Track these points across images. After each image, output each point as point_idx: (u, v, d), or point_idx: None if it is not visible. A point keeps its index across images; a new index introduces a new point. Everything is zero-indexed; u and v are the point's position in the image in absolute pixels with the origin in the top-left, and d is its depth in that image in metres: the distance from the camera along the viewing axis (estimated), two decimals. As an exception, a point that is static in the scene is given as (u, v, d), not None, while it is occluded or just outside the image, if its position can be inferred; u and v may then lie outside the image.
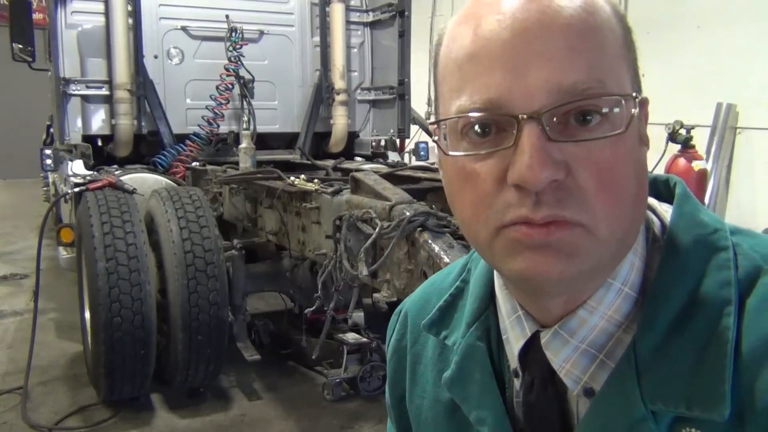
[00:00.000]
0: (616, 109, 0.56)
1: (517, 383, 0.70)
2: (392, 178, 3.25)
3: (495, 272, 0.72)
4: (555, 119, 0.55)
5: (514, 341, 0.68)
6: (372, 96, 5.59)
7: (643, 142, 0.61)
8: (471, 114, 0.57)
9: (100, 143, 4.76)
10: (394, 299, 2.56)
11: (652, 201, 0.68)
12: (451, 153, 0.60)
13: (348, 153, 5.44)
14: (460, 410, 0.74)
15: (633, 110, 0.57)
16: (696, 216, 0.64)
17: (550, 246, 0.56)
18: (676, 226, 0.64)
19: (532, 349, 0.66)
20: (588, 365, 0.63)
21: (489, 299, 0.74)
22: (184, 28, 4.91)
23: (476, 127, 0.58)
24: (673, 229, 0.63)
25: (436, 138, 0.63)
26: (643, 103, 0.61)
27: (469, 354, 0.73)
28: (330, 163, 4.75)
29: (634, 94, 0.58)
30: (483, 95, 0.56)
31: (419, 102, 8.19)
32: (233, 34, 4.81)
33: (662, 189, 0.70)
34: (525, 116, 0.55)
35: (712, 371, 0.56)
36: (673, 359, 0.58)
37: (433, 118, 0.66)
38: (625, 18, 0.61)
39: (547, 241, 0.56)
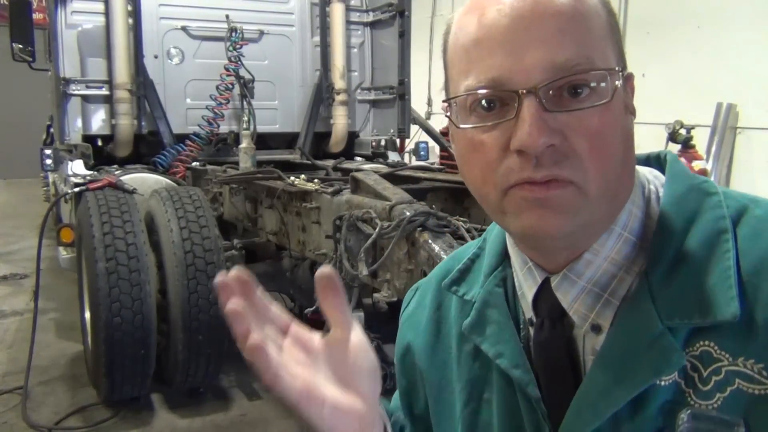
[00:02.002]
0: (603, 83, 0.64)
1: (532, 331, 0.77)
2: (392, 178, 3.25)
3: (506, 233, 0.80)
4: (550, 92, 0.63)
5: (527, 291, 0.75)
6: (372, 96, 5.58)
7: (630, 111, 0.70)
8: (478, 91, 0.65)
9: (100, 143, 4.76)
10: (394, 299, 2.56)
11: (644, 168, 0.76)
12: (461, 126, 0.68)
13: (348, 153, 5.44)
14: (482, 353, 0.80)
15: (617, 82, 0.64)
16: (687, 171, 0.74)
17: (548, 202, 0.64)
18: (672, 179, 0.73)
19: (543, 293, 0.73)
20: (594, 304, 0.70)
21: (504, 255, 0.81)
22: (184, 28, 4.91)
23: (483, 103, 0.66)
24: (670, 182, 0.72)
25: (448, 114, 0.70)
26: (629, 78, 0.69)
27: (487, 299, 0.80)
28: (330, 163, 4.76)
29: (618, 68, 0.65)
30: (487, 75, 0.64)
31: (419, 102, 8.19)
32: (233, 34, 4.81)
33: (654, 164, 0.79)
34: (524, 91, 0.63)
35: (720, 283, 0.63)
36: (682, 281, 0.65)
37: (440, 102, 0.74)
38: (608, 4, 0.69)
39: (546, 196, 0.63)
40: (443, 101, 0.71)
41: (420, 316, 0.90)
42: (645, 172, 0.75)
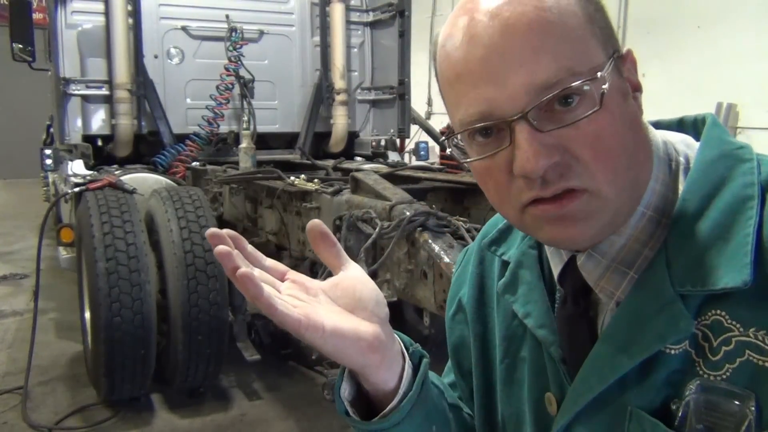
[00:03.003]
0: (590, 88, 0.62)
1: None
2: (392, 178, 3.25)
3: None
4: (541, 111, 0.63)
5: (554, 268, 0.77)
6: (372, 96, 5.59)
7: (634, 89, 0.68)
8: (471, 127, 0.66)
9: (100, 143, 4.76)
10: (394, 299, 2.56)
11: (676, 137, 0.74)
12: (465, 161, 0.70)
13: (348, 153, 5.44)
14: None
15: (604, 86, 0.62)
16: (723, 137, 0.71)
17: (566, 217, 0.64)
18: (705, 145, 0.70)
19: (568, 270, 0.74)
20: (620, 281, 0.69)
21: None
22: (184, 28, 4.91)
23: (479, 133, 0.66)
24: (702, 148, 0.70)
25: (450, 151, 0.72)
26: (625, 57, 0.68)
27: (521, 260, 0.82)
28: (330, 163, 4.76)
29: (605, 62, 0.63)
30: (475, 108, 0.65)
31: (419, 102, 8.20)
32: (233, 33, 4.81)
33: (699, 127, 0.76)
34: (514, 117, 0.63)
35: (736, 250, 0.62)
36: (698, 249, 0.64)
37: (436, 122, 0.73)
38: None
39: (561, 213, 0.64)
40: (443, 139, 0.73)
41: (466, 273, 0.93)
42: (677, 141, 0.74)
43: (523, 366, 0.81)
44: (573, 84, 0.61)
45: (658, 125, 0.78)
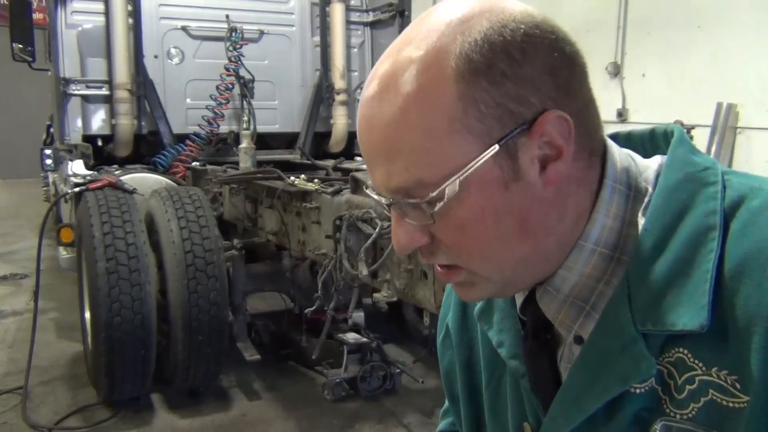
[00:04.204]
0: (424, 209, 0.62)
1: None
2: (392, 178, 3.24)
3: None
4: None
5: (517, 299, 0.76)
6: (372, 96, 5.58)
7: (555, 156, 0.61)
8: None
9: (100, 143, 4.76)
10: (394, 299, 2.56)
11: (644, 162, 0.70)
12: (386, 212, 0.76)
13: (348, 153, 5.44)
14: None
15: (448, 193, 0.60)
16: (687, 157, 0.67)
17: (454, 284, 0.70)
18: (668, 168, 0.66)
19: (530, 304, 0.73)
20: (577, 316, 0.68)
21: None
22: (184, 28, 4.91)
23: None
24: (665, 171, 0.66)
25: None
26: (536, 127, 0.60)
27: None
28: (330, 163, 4.76)
29: (436, 191, 0.60)
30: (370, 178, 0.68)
31: (419, 102, 8.18)
32: (233, 34, 4.81)
33: (661, 142, 0.73)
34: (386, 202, 0.66)
35: (695, 288, 0.59)
36: (659, 286, 0.61)
37: None
38: (476, 69, 0.59)
39: (449, 281, 0.70)
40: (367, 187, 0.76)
41: (452, 296, 0.92)
42: (644, 168, 0.69)
43: (505, 393, 0.80)
44: (420, 196, 0.61)
45: (630, 136, 0.76)
